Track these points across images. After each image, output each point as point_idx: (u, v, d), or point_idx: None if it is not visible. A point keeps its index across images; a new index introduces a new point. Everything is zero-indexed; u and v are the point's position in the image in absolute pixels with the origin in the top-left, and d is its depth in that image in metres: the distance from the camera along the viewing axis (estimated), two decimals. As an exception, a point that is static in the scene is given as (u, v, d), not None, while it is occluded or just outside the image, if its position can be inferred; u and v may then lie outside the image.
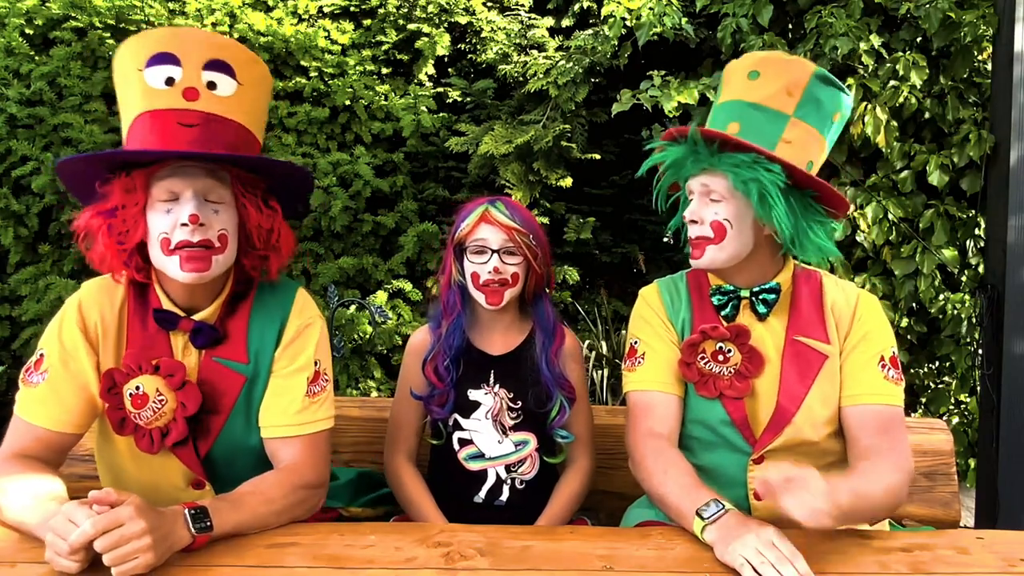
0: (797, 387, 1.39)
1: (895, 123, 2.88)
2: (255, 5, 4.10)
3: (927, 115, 2.96)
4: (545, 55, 4.08)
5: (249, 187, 1.29)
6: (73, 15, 3.63)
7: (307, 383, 1.34)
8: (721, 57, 3.21)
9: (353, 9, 4.27)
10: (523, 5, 4.47)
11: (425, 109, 3.99)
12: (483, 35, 4.29)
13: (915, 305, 3.10)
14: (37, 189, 3.35)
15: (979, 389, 2.89)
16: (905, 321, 3.05)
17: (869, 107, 2.85)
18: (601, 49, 3.54)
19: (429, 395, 1.58)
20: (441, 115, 4.05)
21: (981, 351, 2.87)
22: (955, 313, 2.98)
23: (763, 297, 1.43)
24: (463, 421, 1.58)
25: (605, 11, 3.39)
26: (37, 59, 3.62)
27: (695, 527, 1.19)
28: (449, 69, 4.34)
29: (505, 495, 1.57)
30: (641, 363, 1.48)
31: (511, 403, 1.58)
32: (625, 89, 3.19)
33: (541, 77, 3.74)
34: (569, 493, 1.59)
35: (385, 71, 4.18)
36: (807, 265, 1.53)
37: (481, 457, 1.58)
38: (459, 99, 4.20)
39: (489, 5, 4.46)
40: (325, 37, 4.06)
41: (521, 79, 3.98)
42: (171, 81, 1.21)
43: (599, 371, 3.53)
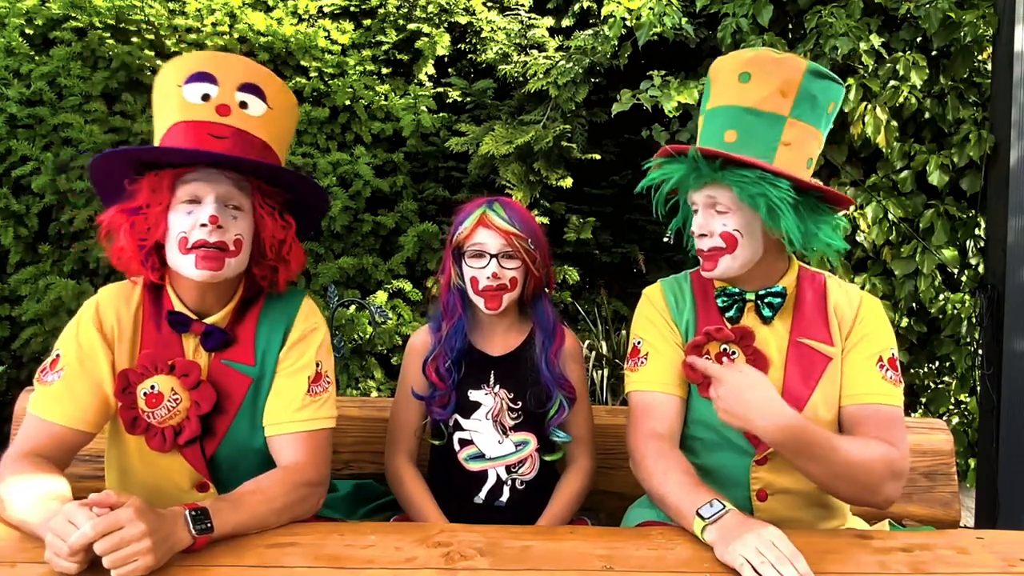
0: (801, 389, 1.39)
1: (895, 123, 2.88)
2: (255, 5, 4.09)
3: (927, 115, 2.96)
4: (545, 55, 4.08)
5: (268, 199, 1.36)
6: (73, 15, 3.63)
7: (308, 382, 1.38)
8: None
9: (353, 9, 4.27)
10: (523, 5, 4.47)
11: (425, 109, 3.99)
12: (483, 35, 4.29)
13: (915, 305, 3.10)
14: (37, 189, 3.35)
15: (979, 389, 2.89)
16: (905, 321, 3.05)
17: (869, 107, 2.85)
18: (601, 49, 3.54)
19: (431, 396, 1.58)
20: (441, 115, 4.05)
21: (981, 351, 2.87)
22: (955, 313, 2.99)
23: (768, 301, 1.43)
24: (463, 422, 1.58)
25: (605, 11, 3.39)
26: (37, 59, 3.62)
27: (695, 527, 1.19)
28: (449, 69, 4.34)
29: (505, 495, 1.57)
30: (644, 363, 1.48)
31: (511, 403, 1.58)
32: (625, 89, 3.19)
33: (541, 77, 3.74)
34: (569, 493, 1.59)
35: (385, 71, 4.18)
36: (810, 267, 1.53)
37: (481, 458, 1.57)
38: (459, 99, 4.20)
39: (489, 5, 4.46)
40: (325, 37, 4.06)
41: (521, 79, 3.98)
42: (207, 97, 1.30)
43: (599, 371, 3.53)
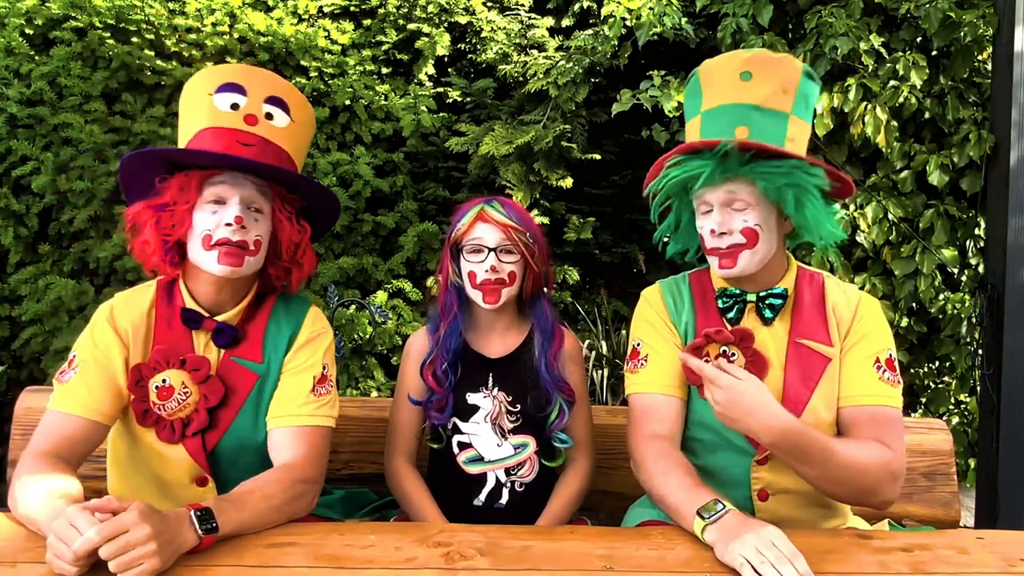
0: (801, 390, 1.39)
1: (895, 123, 2.88)
2: (255, 5, 4.09)
3: (927, 115, 2.96)
4: (545, 55, 4.08)
5: (287, 204, 1.45)
6: (73, 15, 3.62)
7: (314, 381, 1.44)
8: (721, 57, 3.20)
9: (353, 9, 4.26)
10: (523, 5, 4.47)
11: (425, 109, 3.99)
12: (483, 35, 4.29)
13: (915, 305, 3.09)
14: (37, 189, 3.35)
15: (979, 389, 2.89)
16: (905, 321, 3.05)
17: (869, 107, 2.85)
18: (601, 49, 3.54)
19: (428, 400, 1.58)
20: (441, 115, 4.05)
21: (981, 351, 2.87)
22: (955, 313, 2.98)
23: (770, 302, 1.43)
24: (462, 425, 1.58)
25: (605, 11, 3.39)
26: (37, 59, 3.61)
27: (695, 527, 1.19)
28: (449, 69, 4.33)
29: (505, 498, 1.57)
30: (644, 365, 1.48)
31: (510, 406, 1.57)
32: (625, 89, 3.19)
33: (541, 77, 3.74)
34: (569, 493, 1.59)
35: (385, 71, 4.17)
36: (808, 267, 1.54)
37: (480, 460, 1.57)
38: (459, 99, 4.19)
39: (489, 5, 4.46)
40: (325, 37, 4.06)
41: (521, 79, 3.98)
42: (236, 106, 1.39)
43: (599, 371, 3.53)
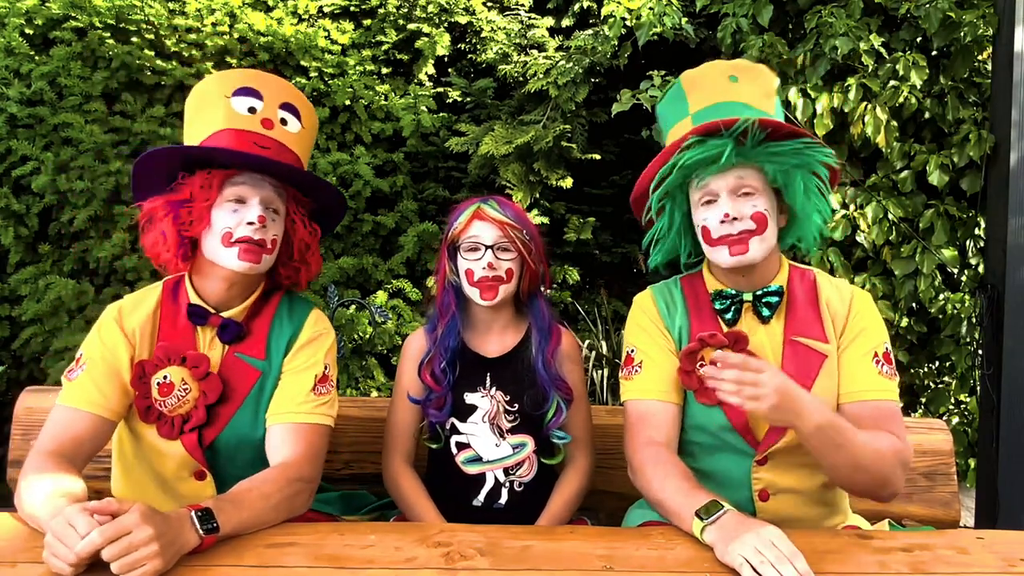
0: None
1: (895, 123, 2.88)
2: (255, 5, 4.09)
3: (927, 115, 2.96)
4: (545, 55, 4.08)
5: (300, 205, 1.50)
6: (73, 15, 3.62)
7: (315, 380, 1.45)
8: (721, 57, 3.21)
9: (353, 9, 4.26)
10: (523, 5, 4.46)
11: (425, 109, 3.98)
12: (483, 35, 4.28)
13: (915, 305, 3.09)
14: (37, 189, 3.35)
15: (979, 389, 2.89)
16: (905, 321, 3.05)
17: (869, 107, 2.85)
18: (601, 49, 3.54)
19: (426, 398, 1.58)
20: (441, 115, 4.05)
21: (981, 351, 2.87)
22: (955, 313, 2.98)
23: (766, 301, 1.43)
24: (460, 425, 1.58)
25: (605, 11, 3.39)
26: (37, 59, 3.61)
27: (695, 528, 1.19)
28: (449, 69, 4.33)
29: (504, 498, 1.57)
30: (639, 372, 1.48)
31: (508, 406, 1.57)
32: (625, 89, 3.19)
33: (541, 77, 3.73)
34: (569, 493, 1.59)
35: (385, 71, 4.17)
36: (799, 264, 1.54)
37: (479, 461, 1.57)
38: (459, 99, 4.19)
39: (489, 5, 4.45)
40: (325, 37, 4.06)
41: (521, 79, 3.98)
42: (253, 110, 1.43)
43: (599, 371, 3.53)
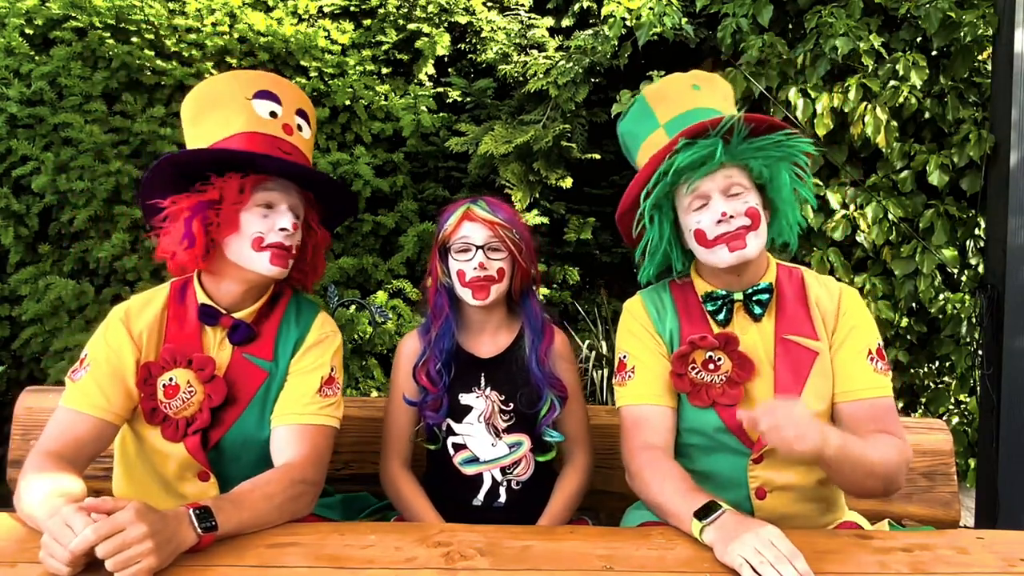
0: (792, 386, 1.40)
1: (895, 123, 2.88)
2: (255, 5, 4.09)
3: (927, 115, 2.96)
4: (545, 55, 4.07)
5: (314, 211, 1.52)
6: (73, 15, 3.62)
7: (321, 382, 1.45)
8: (721, 57, 3.20)
9: (353, 9, 4.26)
10: (523, 5, 4.46)
11: (425, 109, 3.98)
12: (483, 35, 4.28)
13: (915, 305, 3.09)
14: (37, 189, 3.34)
15: (979, 389, 2.89)
16: (905, 321, 3.05)
17: (869, 107, 2.85)
18: (601, 49, 3.54)
19: (422, 400, 1.58)
20: (441, 115, 4.04)
21: (981, 351, 2.87)
22: (955, 313, 2.98)
23: (757, 299, 1.44)
24: (455, 426, 1.58)
25: (605, 11, 3.39)
26: (37, 59, 3.61)
27: (694, 529, 1.20)
28: (449, 69, 4.33)
29: (503, 497, 1.57)
30: (632, 377, 1.48)
31: (502, 406, 1.58)
32: (625, 89, 3.19)
33: (541, 77, 3.73)
34: (569, 491, 1.59)
35: (385, 71, 4.17)
36: (786, 263, 1.55)
37: (476, 461, 1.58)
38: (459, 99, 4.19)
39: (489, 5, 4.45)
40: (325, 37, 4.05)
41: (521, 79, 3.98)
42: (274, 115, 1.45)
43: (599, 371, 3.53)
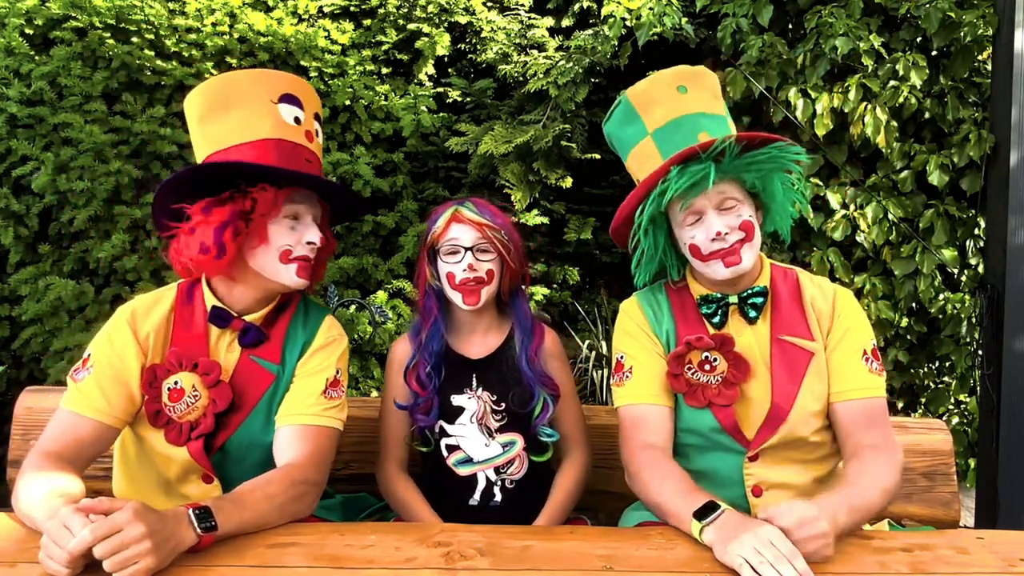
0: (788, 386, 1.41)
1: (895, 123, 2.88)
2: (255, 5, 4.09)
3: (927, 115, 2.96)
4: (545, 55, 4.07)
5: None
6: (73, 15, 3.62)
7: (326, 384, 1.45)
8: (721, 57, 3.20)
9: (353, 9, 4.26)
10: (523, 5, 4.46)
11: (425, 109, 3.98)
12: (483, 35, 4.28)
13: (915, 305, 3.09)
14: (37, 189, 3.34)
15: (979, 389, 2.89)
16: (905, 321, 3.05)
17: (869, 107, 2.85)
18: (601, 49, 3.54)
19: (413, 404, 1.59)
20: (441, 115, 4.04)
21: (981, 351, 2.87)
22: (955, 313, 2.98)
23: (752, 301, 1.45)
24: (448, 427, 1.59)
25: (605, 11, 3.39)
26: (37, 59, 3.61)
27: (693, 529, 1.20)
28: (449, 69, 4.33)
29: (498, 497, 1.57)
30: (629, 377, 1.49)
31: (494, 405, 1.58)
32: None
33: (541, 77, 3.73)
34: (569, 485, 1.60)
35: (385, 71, 4.17)
36: (780, 263, 1.56)
37: (470, 462, 1.58)
38: (459, 99, 4.19)
39: (489, 5, 4.45)
40: (325, 37, 4.05)
41: (521, 79, 3.98)
42: (298, 120, 1.44)
43: (599, 371, 3.53)
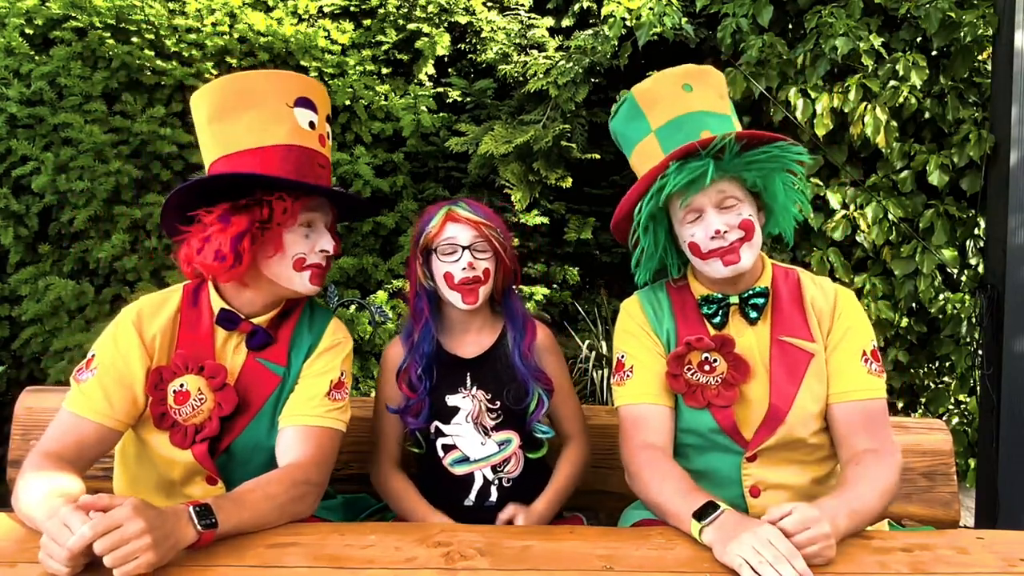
0: (787, 387, 1.40)
1: (895, 123, 2.88)
2: (255, 5, 4.09)
3: (927, 115, 2.96)
4: (545, 55, 4.07)
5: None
6: (73, 15, 3.62)
7: (330, 386, 1.45)
8: (721, 57, 3.20)
9: (353, 9, 4.26)
10: (523, 5, 4.46)
11: (425, 109, 3.98)
12: (483, 35, 4.28)
13: (915, 305, 3.09)
14: (37, 189, 3.34)
15: (979, 389, 2.89)
16: (905, 321, 3.05)
17: (869, 107, 2.85)
18: (601, 49, 3.54)
19: (404, 407, 1.59)
20: (441, 115, 4.04)
21: (981, 351, 2.87)
22: (955, 313, 2.98)
23: (753, 302, 1.44)
24: (444, 427, 1.58)
25: (605, 11, 3.39)
26: (37, 59, 3.61)
27: (693, 529, 1.20)
28: (449, 69, 4.33)
29: (494, 496, 1.57)
30: (630, 377, 1.48)
31: (489, 404, 1.58)
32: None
33: (541, 77, 3.73)
34: (569, 470, 1.62)
35: (385, 71, 4.17)
36: (782, 264, 1.55)
37: (466, 461, 1.58)
38: (459, 99, 4.19)
39: (489, 5, 4.45)
40: (325, 37, 4.05)
41: (521, 79, 3.98)
42: (312, 125, 1.42)
43: (599, 371, 3.53)
